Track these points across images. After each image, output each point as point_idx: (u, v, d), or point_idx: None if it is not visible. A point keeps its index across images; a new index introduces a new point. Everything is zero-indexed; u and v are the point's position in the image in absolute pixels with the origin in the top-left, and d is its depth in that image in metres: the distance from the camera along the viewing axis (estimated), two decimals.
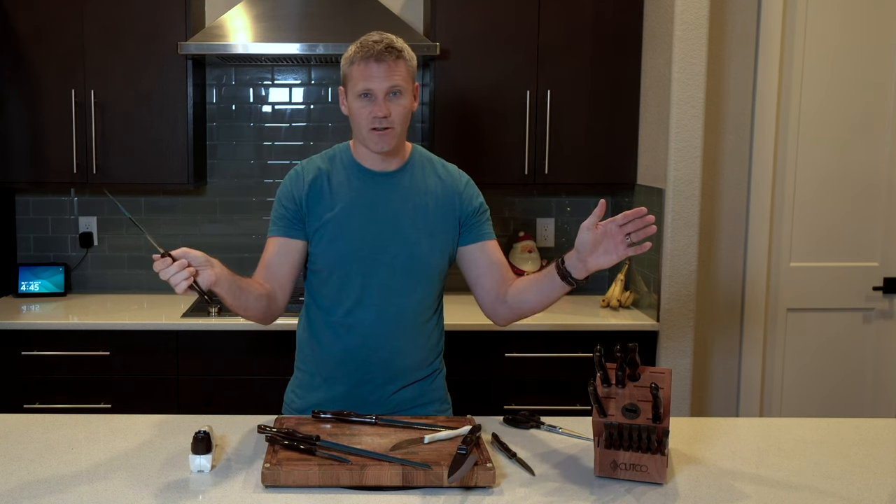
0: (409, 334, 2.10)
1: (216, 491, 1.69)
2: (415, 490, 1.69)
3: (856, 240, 3.70)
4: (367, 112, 1.98)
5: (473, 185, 2.16)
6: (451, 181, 2.12)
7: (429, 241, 2.06)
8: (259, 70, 3.73)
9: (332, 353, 2.10)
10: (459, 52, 3.39)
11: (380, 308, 2.06)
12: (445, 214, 2.09)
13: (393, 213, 2.05)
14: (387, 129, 1.98)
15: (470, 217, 2.11)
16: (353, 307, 2.06)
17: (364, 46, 1.97)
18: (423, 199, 2.08)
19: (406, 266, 2.05)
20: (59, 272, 3.69)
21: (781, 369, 3.75)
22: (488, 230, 2.14)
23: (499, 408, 3.20)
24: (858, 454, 1.92)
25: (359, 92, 1.98)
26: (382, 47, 1.95)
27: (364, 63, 1.96)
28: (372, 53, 1.95)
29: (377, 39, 1.98)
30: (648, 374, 1.80)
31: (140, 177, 3.46)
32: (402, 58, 1.98)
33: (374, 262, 2.04)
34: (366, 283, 2.05)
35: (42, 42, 3.37)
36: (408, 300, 2.07)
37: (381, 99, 1.96)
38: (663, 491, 1.71)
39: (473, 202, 2.12)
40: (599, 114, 3.45)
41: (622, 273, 3.55)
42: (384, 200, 2.06)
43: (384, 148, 2.01)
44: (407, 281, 2.06)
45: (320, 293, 2.10)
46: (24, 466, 1.80)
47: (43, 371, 3.25)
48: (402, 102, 1.99)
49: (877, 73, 3.63)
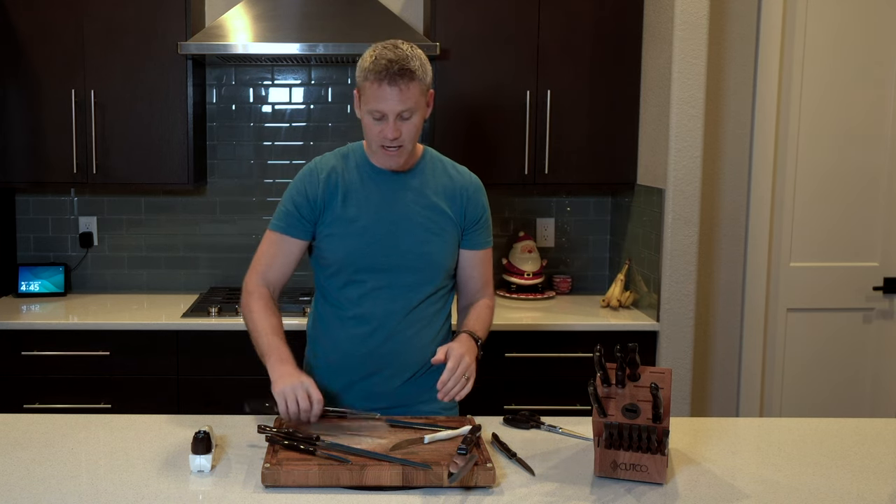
0: (418, 328, 2.14)
1: (216, 491, 1.69)
2: (415, 490, 1.69)
3: (856, 240, 3.70)
4: (377, 130, 2.01)
5: (483, 191, 2.22)
6: (462, 182, 2.17)
7: (437, 239, 2.11)
8: (259, 70, 3.73)
9: (342, 346, 2.14)
10: (459, 52, 3.39)
11: (390, 303, 2.10)
12: (453, 214, 2.13)
13: (404, 212, 2.09)
14: (397, 147, 2.02)
15: (474, 222, 2.17)
16: (364, 302, 2.11)
17: (378, 65, 1.96)
18: (433, 197, 2.12)
19: (416, 263, 2.10)
20: (59, 272, 3.69)
21: (781, 369, 3.75)
22: (484, 240, 2.21)
23: (499, 408, 3.19)
24: (858, 454, 1.92)
25: (371, 110, 2.00)
26: (396, 70, 1.94)
27: (377, 83, 1.96)
28: (386, 76, 1.95)
29: (392, 59, 1.95)
30: (648, 374, 1.80)
31: (140, 177, 3.46)
32: (416, 78, 1.97)
33: (385, 259, 2.08)
34: (376, 279, 2.09)
35: (42, 42, 3.37)
36: (417, 295, 2.12)
37: (392, 121, 1.98)
38: (663, 491, 1.71)
39: (480, 207, 2.18)
40: (599, 114, 3.45)
41: (622, 273, 3.55)
42: (396, 199, 2.10)
43: (393, 166, 2.07)
44: (417, 277, 2.11)
45: (330, 288, 2.15)
46: (24, 466, 1.80)
47: (43, 371, 3.25)
48: (413, 121, 2.01)
49: (877, 72, 3.63)
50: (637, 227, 3.51)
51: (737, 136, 3.65)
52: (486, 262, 2.22)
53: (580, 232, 3.85)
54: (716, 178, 3.66)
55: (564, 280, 3.79)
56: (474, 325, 2.12)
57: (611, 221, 3.84)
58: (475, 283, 2.21)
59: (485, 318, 2.17)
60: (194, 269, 3.80)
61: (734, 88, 3.63)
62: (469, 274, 2.20)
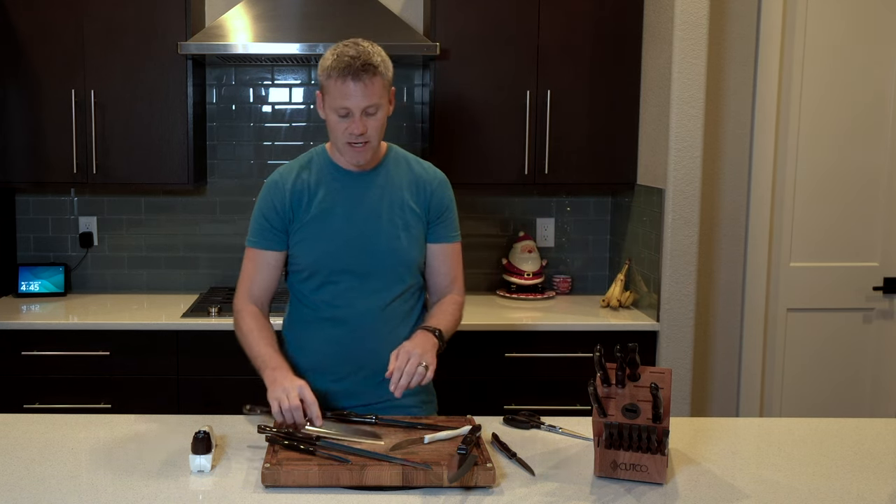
0: (393, 325, 2.16)
1: (216, 491, 1.69)
2: (415, 490, 1.69)
3: (856, 240, 3.70)
4: (343, 128, 2.03)
5: (448, 185, 2.23)
6: (426, 177, 2.19)
7: (406, 234, 2.13)
8: (259, 70, 3.73)
9: (320, 348, 2.17)
10: (459, 52, 3.39)
11: (364, 303, 2.13)
12: (418, 210, 2.15)
13: (371, 210, 2.12)
14: (364, 143, 2.04)
15: (438, 216, 2.18)
16: (339, 304, 2.13)
17: (341, 62, 1.98)
18: (398, 194, 2.14)
19: (387, 261, 2.12)
20: (59, 272, 3.69)
21: (781, 369, 3.75)
22: (449, 234, 2.21)
23: (499, 408, 3.19)
24: (858, 454, 1.92)
25: (336, 108, 2.02)
26: (359, 65, 1.97)
27: (341, 80, 1.98)
28: (349, 72, 1.97)
29: (354, 55, 1.98)
30: (648, 374, 1.80)
31: (140, 177, 3.46)
32: (378, 73, 2.00)
33: (356, 259, 2.11)
34: (349, 280, 2.12)
35: (42, 42, 3.37)
36: (390, 293, 2.14)
37: (358, 117, 2.01)
38: (663, 491, 1.71)
39: (444, 201, 2.19)
40: (599, 114, 3.45)
41: (622, 273, 3.55)
42: (362, 198, 2.13)
43: (361, 161, 2.09)
44: (389, 275, 2.13)
45: (305, 292, 2.18)
46: (24, 466, 1.80)
47: (43, 371, 3.25)
48: (378, 116, 2.04)
49: (877, 72, 3.63)
50: (637, 227, 3.51)
51: (737, 136, 3.65)
52: (453, 257, 2.22)
53: (580, 232, 3.85)
54: (716, 178, 3.66)
55: (564, 280, 3.79)
56: (435, 319, 2.12)
57: (611, 221, 3.84)
58: (443, 279, 2.21)
59: (449, 311, 2.16)
60: (194, 269, 3.80)
61: (734, 88, 3.63)
62: (436, 269, 2.20)
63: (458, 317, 2.20)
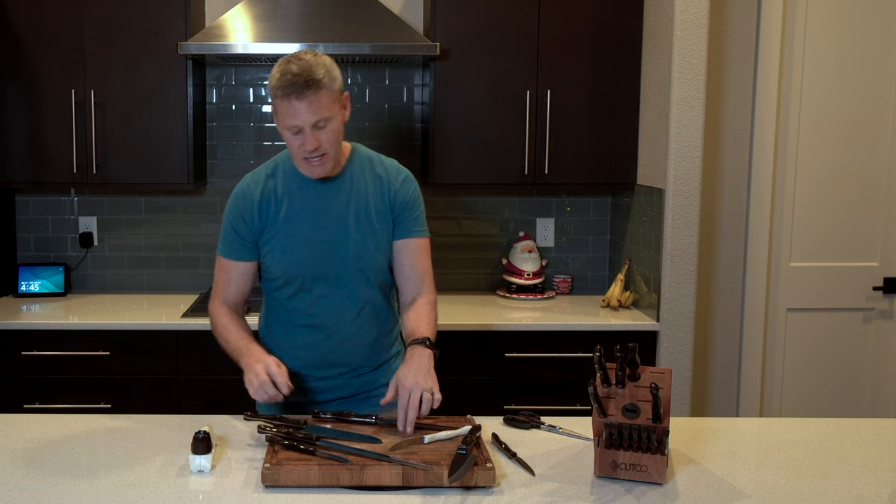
0: (368, 327, 2.20)
1: (216, 491, 1.69)
2: (415, 490, 1.69)
3: (856, 240, 3.70)
4: (297, 144, 2.02)
5: (412, 181, 2.22)
6: (388, 177, 2.19)
7: (373, 239, 2.14)
8: (259, 70, 3.73)
9: (296, 353, 2.21)
10: (459, 52, 3.39)
11: (338, 308, 2.16)
12: (383, 211, 2.16)
13: (338, 217, 2.13)
14: (321, 156, 2.03)
15: (401, 212, 2.17)
16: (313, 310, 2.16)
17: (283, 81, 1.96)
18: (363, 198, 2.15)
19: (356, 266, 2.14)
20: (59, 272, 3.69)
21: (781, 369, 3.75)
22: (415, 228, 2.19)
23: (499, 408, 3.19)
24: (858, 454, 1.92)
25: (286, 126, 2.01)
26: (302, 82, 1.94)
27: (286, 100, 1.97)
28: (292, 90, 1.95)
29: (296, 72, 1.95)
30: (648, 374, 1.80)
31: (140, 177, 3.46)
32: (323, 87, 1.97)
33: (327, 267, 2.13)
34: (322, 286, 2.15)
35: (42, 42, 3.37)
36: (363, 296, 2.17)
37: (309, 133, 1.99)
38: (663, 491, 1.71)
39: (407, 197, 2.18)
40: (599, 114, 3.45)
41: (622, 273, 3.55)
42: (328, 206, 2.13)
43: (320, 175, 2.08)
44: (359, 280, 2.15)
45: (280, 299, 2.20)
46: (25, 466, 1.80)
47: (43, 371, 3.25)
48: (331, 128, 2.02)
49: (877, 72, 3.63)
50: (637, 227, 3.51)
51: (737, 136, 3.65)
52: (420, 253, 2.20)
53: (580, 232, 3.85)
54: (716, 178, 3.66)
55: (564, 280, 3.79)
56: (420, 329, 2.09)
57: (611, 221, 3.84)
58: (411, 275, 2.19)
59: (426, 316, 2.14)
60: (194, 269, 3.80)
61: (734, 88, 3.63)
62: (404, 264, 2.18)
63: (436, 316, 2.19)
